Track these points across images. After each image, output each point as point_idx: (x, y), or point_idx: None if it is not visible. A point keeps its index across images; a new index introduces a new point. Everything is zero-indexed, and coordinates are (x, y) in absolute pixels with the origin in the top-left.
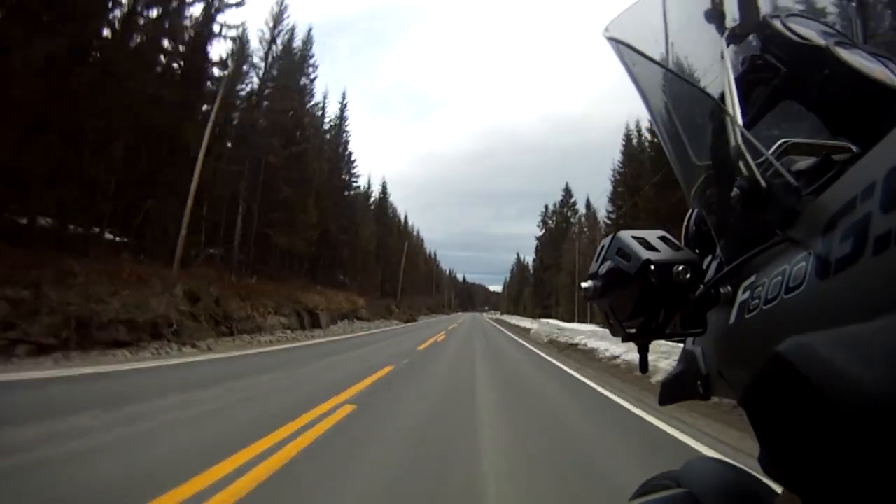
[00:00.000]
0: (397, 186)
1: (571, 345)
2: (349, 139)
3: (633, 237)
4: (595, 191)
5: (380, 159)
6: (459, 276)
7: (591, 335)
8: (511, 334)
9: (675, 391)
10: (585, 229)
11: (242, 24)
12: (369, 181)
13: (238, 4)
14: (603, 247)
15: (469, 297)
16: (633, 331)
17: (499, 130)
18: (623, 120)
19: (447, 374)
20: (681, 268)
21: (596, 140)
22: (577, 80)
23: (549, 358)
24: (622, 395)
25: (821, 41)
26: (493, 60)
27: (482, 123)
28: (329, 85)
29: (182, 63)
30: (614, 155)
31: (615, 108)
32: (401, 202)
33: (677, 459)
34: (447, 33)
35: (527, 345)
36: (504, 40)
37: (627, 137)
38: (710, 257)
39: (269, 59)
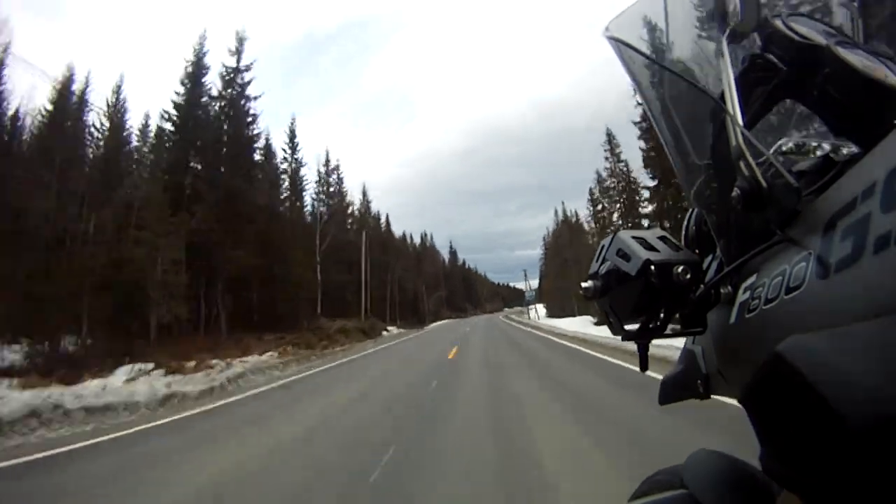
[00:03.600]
0: (391, 193)
1: None
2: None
3: (633, 237)
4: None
5: (371, 167)
6: (442, 250)
7: None
8: None
9: (674, 390)
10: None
11: None
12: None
13: None
14: (603, 247)
15: (468, 286)
16: (634, 330)
17: (488, 124)
18: (610, 95)
19: None
20: (681, 268)
21: (585, 120)
22: (559, 61)
23: None
24: None
25: (821, 40)
26: (474, 55)
27: (471, 119)
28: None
29: None
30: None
31: (601, 84)
32: (396, 208)
33: None
34: (426, 35)
35: None
36: (483, 34)
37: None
38: (710, 257)
39: None
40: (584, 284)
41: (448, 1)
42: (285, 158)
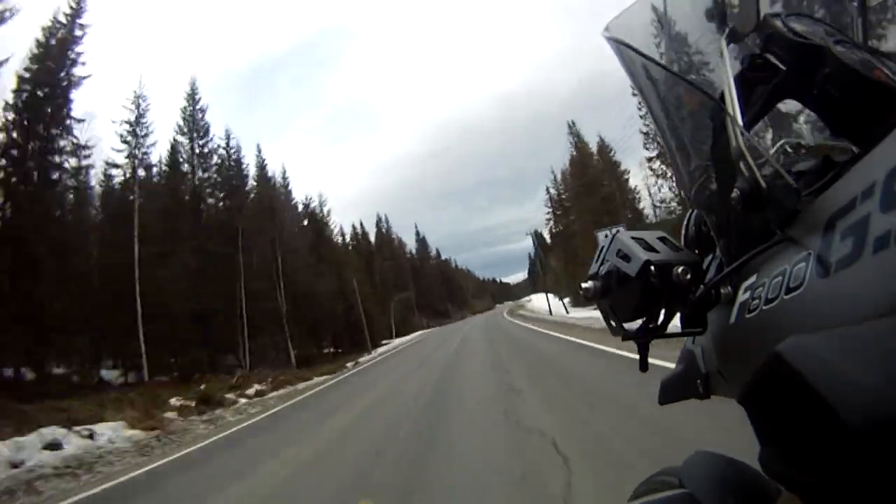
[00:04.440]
0: (361, 205)
1: None
2: None
3: (633, 238)
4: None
5: (344, 181)
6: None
7: None
8: None
9: (674, 390)
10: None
11: None
12: None
13: None
14: (603, 248)
15: (448, 283)
16: (634, 330)
17: (454, 121)
18: (573, 84)
19: None
20: (681, 268)
21: (550, 109)
22: (518, 52)
23: None
24: None
25: (821, 40)
26: (429, 56)
27: (436, 119)
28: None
29: None
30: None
31: (562, 74)
32: (368, 219)
33: None
34: (380, 43)
35: None
36: (437, 33)
37: None
38: (710, 257)
39: None
40: (584, 285)
41: (397, 6)
42: None
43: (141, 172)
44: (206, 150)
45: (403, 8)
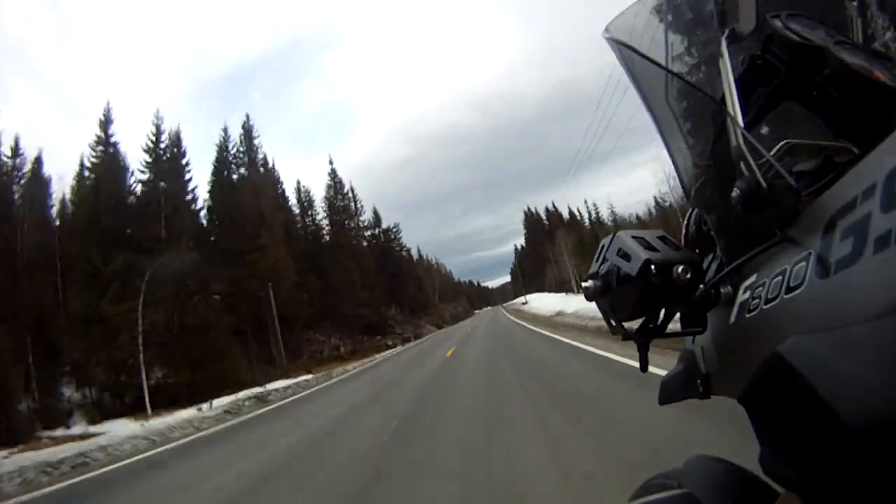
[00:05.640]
0: None
1: None
2: None
3: (633, 237)
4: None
5: (314, 189)
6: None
7: None
8: None
9: (674, 390)
10: None
11: None
12: None
13: None
14: (603, 247)
15: (396, 275)
16: (633, 330)
17: (425, 128)
18: (548, 87)
19: None
20: (681, 268)
21: (526, 114)
22: (492, 56)
23: None
24: None
25: (821, 41)
26: (404, 61)
27: (407, 126)
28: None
29: None
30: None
31: (534, 79)
32: None
33: None
34: (359, 51)
35: None
36: (413, 43)
37: None
38: (710, 257)
39: None
40: (584, 284)
41: (376, 13)
42: None
43: None
44: None
45: (378, 14)
